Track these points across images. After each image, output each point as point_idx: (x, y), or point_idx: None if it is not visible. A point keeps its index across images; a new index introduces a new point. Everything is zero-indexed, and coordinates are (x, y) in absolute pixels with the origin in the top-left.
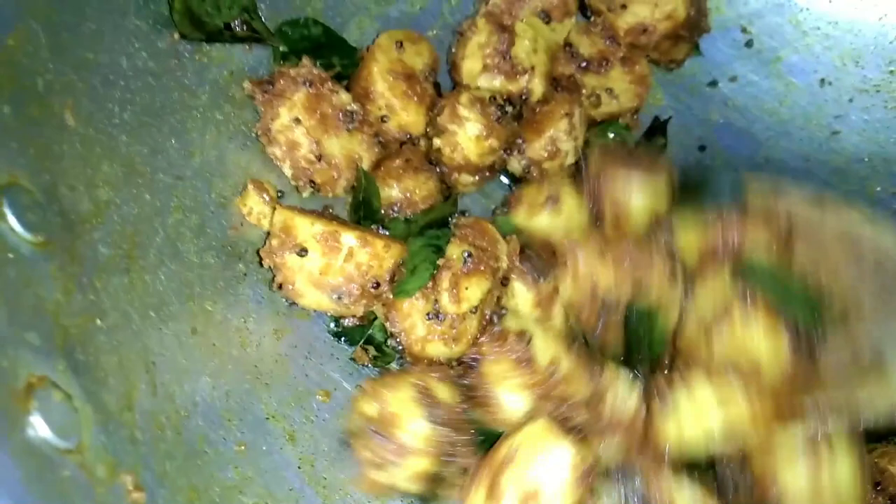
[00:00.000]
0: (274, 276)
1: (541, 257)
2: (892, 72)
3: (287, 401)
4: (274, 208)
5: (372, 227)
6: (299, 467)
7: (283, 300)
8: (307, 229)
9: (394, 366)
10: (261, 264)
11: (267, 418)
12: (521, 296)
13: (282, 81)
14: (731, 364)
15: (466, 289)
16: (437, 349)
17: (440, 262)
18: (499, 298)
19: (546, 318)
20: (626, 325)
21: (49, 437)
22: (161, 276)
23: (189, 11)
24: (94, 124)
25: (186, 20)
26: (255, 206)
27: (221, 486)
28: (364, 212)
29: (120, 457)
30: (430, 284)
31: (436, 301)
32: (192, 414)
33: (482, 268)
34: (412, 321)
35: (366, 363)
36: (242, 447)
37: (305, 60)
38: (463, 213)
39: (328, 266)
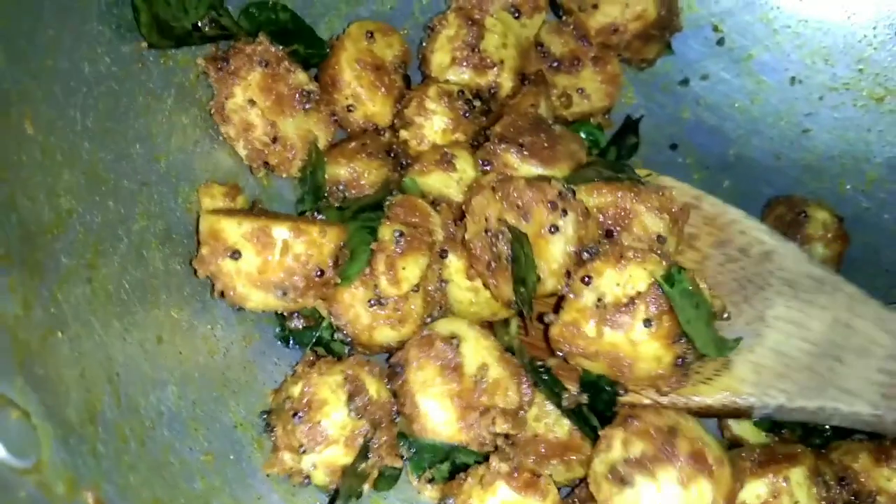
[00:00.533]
0: (213, 285)
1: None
2: (861, 70)
3: (255, 407)
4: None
5: (308, 214)
6: (267, 475)
7: None
8: (235, 230)
9: None
10: (195, 275)
11: (235, 426)
12: (454, 265)
13: (237, 59)
14: (609, 352)
15: (403, 269)
16: (384, 335)
17: (373, 246)
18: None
19: (473, 279)
20: (512, 257)
21: (5, 457)
22: (125, 285)
23: (156, 20)
24: (55, 132)
25: (154, 30)
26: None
27: (187, 497)
28: (309, 187)
29: (81, 472)
30: (367, 270)
31: (375, 287)
32: (157, 424)
33: (416, 245)
34: (355, 311)
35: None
36: (209, 457)
37: (262, 37)
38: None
39: (266, 264)
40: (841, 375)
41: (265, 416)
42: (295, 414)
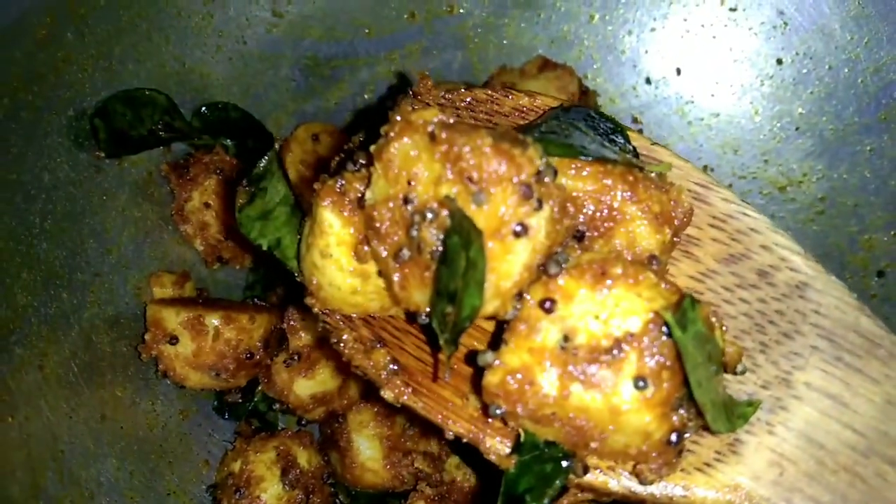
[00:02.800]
0: (157, 366)
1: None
2: (766, 161)
3: (188, 477)
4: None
5: (248, 300)
6: None
7: None
8: (173, 318)
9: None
10: (140, 358)
11: (168, 494)
12: (337, 233)
13: (196, 167)
14: (573, 418)
15: (303, 320)
16: (302, 386)
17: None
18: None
19: (365, 264)
20: (443, 255)
21: None
22: (74, 368)
23: (114, 133)
24: (15, 237)
25: (113, 144)
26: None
27: None
28: (260, 277)
29: None
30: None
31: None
32: (96, 495)
33: None
34: (280, 376)
35: (248, 436)
36: None
37: (219, 149)
38: None
39: (199, 348)
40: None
41: (211, 490)
42: (237, 490)
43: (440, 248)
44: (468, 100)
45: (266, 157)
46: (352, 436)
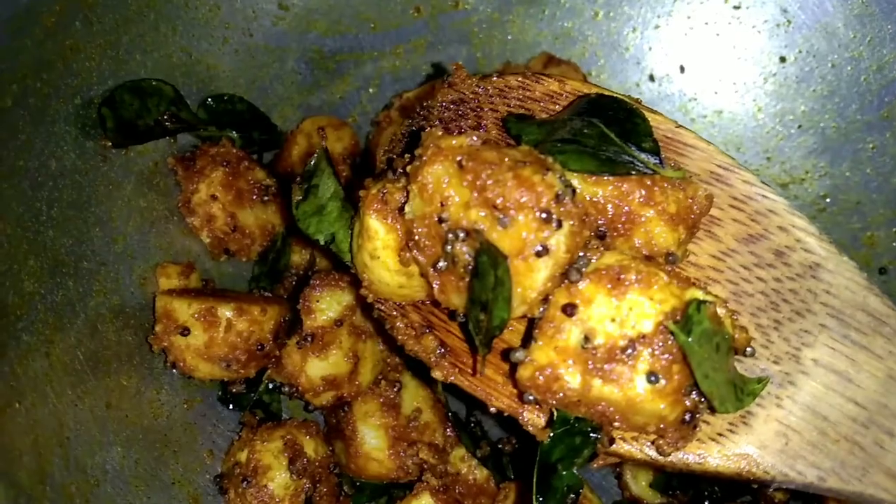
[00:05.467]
0: (166, 357)
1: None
2: (769, 158)
3: (193, 466)
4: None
5: (256, 291)
6: None
7: None
8: (185, 310)
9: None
10: (151, 350)
11: (173, 483)
12: (383, 239)
13: (202, 159)
14: (595, 404)
15: (318, 301)
16: (314, 367)
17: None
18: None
19: (408, 264)
20: (475, 270)
21: None
22: (80, 356)
23: (121, 122)
24: (22, 224)
25: (120, 132)
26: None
27: None
28: (269, 269)
29: None
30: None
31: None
32: (101, 482)
33: (331, 281)
34: (292, 358)
35: (253, 426)
36: None
37: (225, 141)
38: None
39: (211, 340)
40: (892, 455)
41: (218, 480)
42: (244, 479)
43: (472, 264)
44: (501, 87)
45: (316, 155)
46: (357, 425)
